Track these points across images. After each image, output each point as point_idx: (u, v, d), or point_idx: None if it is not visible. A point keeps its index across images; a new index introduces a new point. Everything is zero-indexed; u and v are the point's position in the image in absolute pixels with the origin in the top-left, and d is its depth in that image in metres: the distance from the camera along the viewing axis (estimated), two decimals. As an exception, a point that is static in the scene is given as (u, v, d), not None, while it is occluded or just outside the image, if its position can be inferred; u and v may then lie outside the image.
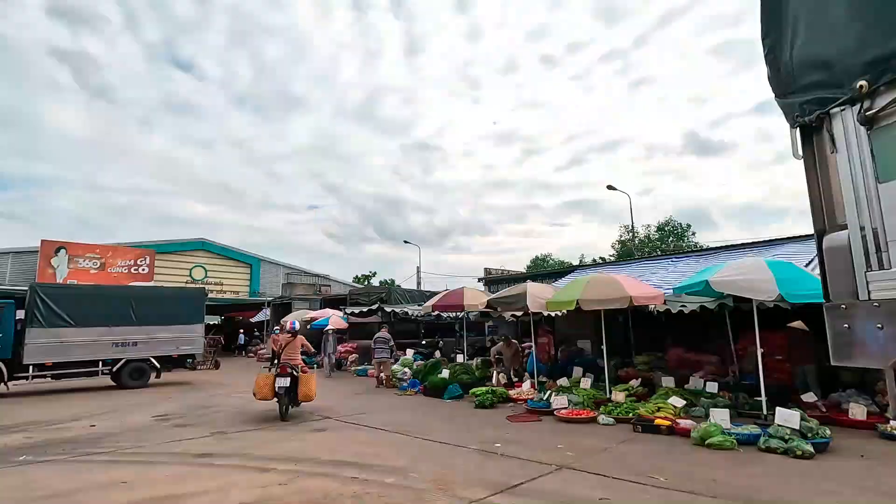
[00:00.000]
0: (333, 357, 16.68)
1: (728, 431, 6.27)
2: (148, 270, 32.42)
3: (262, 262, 38.52)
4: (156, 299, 13.86)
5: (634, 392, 10.10)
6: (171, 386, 13.55)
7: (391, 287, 19.66)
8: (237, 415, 8.92)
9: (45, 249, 28.93)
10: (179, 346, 14.04)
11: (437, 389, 11.07)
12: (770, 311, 9.97)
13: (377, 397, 11.13)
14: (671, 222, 52.08)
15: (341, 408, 9.61)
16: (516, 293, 10.34)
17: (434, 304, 12.68)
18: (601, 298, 8.51)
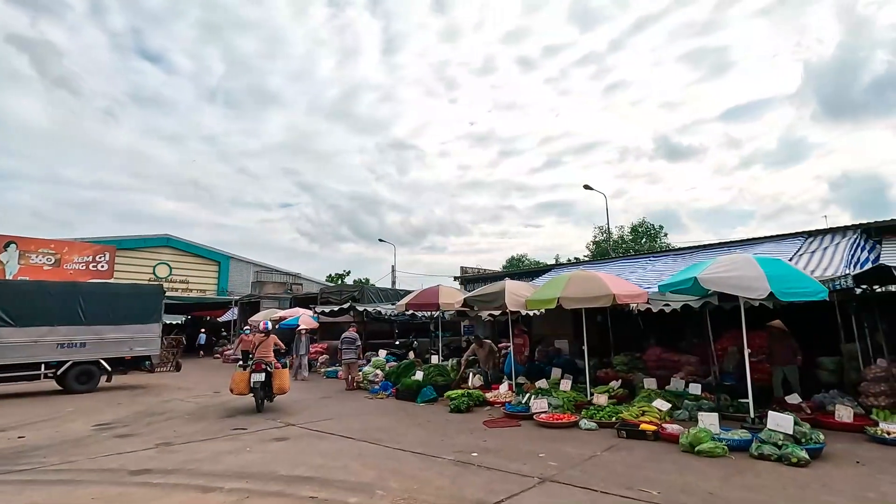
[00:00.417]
0: (306, 358, 15.85)
1: (718, 437, 5.91)
2: (108, 267, 30.73)
3: (231, 259, 37.09)
4: (107, 296, 12.83)
5: (615, 394, 9.75)
6: (124, 390, 12.57)
7: (364, 286, 18.95)
8: (190, 422, 8.15)
9: (-7, 244, 27.05)
10: (133, 347, 13.05)
11: (410, 392, 10.50)
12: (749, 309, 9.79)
13: (346, 401, 10.48)
14: (644, 223, 52.73)
15: (307, 413, 8.93)
16: (494, 291, 9.86)
17: (408, 302, 12.09)
18: (583, 296, 8.09)
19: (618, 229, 51.86)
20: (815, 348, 10.09)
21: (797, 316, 9.89)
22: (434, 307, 11.64)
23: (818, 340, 10.17)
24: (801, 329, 9.71)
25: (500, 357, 12.48)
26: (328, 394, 11.64)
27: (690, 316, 11.76)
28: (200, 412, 9.10)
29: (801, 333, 9.50)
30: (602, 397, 7.99)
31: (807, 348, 9.71)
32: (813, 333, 10.08)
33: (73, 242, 30.37)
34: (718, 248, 13.93)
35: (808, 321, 9.92)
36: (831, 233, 11.93)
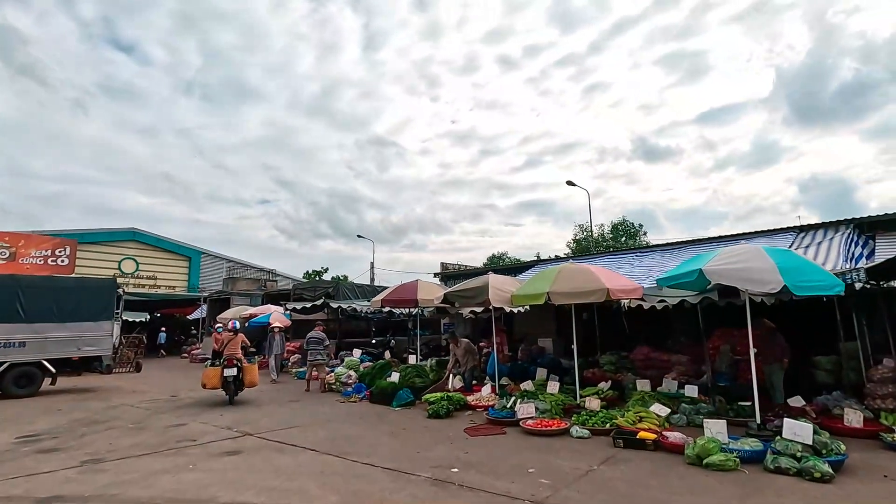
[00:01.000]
0: (280, 358, 14.80)
1: (728, 448, 5.27)
2: (68, 262, 28.92)
3: (203, 255, 35.57)
4: (51, 291, 11.63)
5: (605, 396, 9.12)
6: (71, 394, 11.42)
7: (339, 282, 18.02)
8: (132, 432, 7.18)
9: (-60, 236, 25.19)
10: (82, 346, 11.89)
11: (385, 395, 9.68)
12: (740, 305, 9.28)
13: (315, 405, 9.60)
14: (625, 222, 52.88)
15: (269, 419, 8.04)
16: (476, 286, 9.11)
17: (384, 298, 11.25)
18: (574, 291, 7.40)
19: (598, 228, 51.91)
20: (809, 347, 9.66)
21: (790, 313, 9.45)
22: (412, 303, 10.85)
23: (813, 338, 9.74)
24: (795, 327, 9.25)
25: (484, 356, 11.74)
26: (297, 397, 10.74)
27: (679, 313, 11.27)
28: (149, 419, 8.12)
29: (794, 331, 9.03)
30: (594, 402, 7.31)
31: (801, 347, 9.27)
32: (807, 331, 9.64)
33: (29, 235, 28.57)
34: (706, 243, 13.46)
35: (801, 318, 9.48)
36: (824, 227, 11.55)
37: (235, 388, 9.66)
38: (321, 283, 18.57)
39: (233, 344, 9.96)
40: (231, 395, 9.64)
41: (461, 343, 10.65)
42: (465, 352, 10.56)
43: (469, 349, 10.77)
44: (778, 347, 8.46)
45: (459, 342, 10.72)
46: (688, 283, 6.60)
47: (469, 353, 10.76)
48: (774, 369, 8.43)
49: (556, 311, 15.71)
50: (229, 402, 9.53)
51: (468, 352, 10.69)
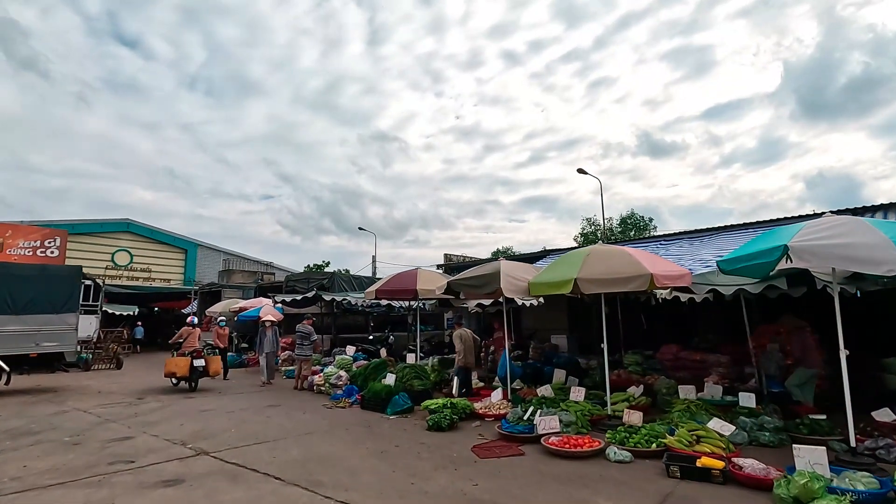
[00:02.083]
0: (274, 357, 12.59)
1: (836, 487, 3.85)
2: (58, 253, 27.73)
3: (199, 247, 34.38)
4: (4, 279, 10.27)
5: (636, 403, 7.73)
6: (26, 396, 10.12)
7: (334, 273, 16.66)
8: (61, 449, 5.83)
9: (-75, 226, 24.03)
10: (40, 342, 10.58)
11: (378, 400, 8.32)
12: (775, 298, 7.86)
13: (296, 411, 8.24)
14: (634, 216, 51.36)
15: (235, 430, 6.69)
16: (486, 273, 7.70)
17: (379, 288, 9.86)
18: (609, 277, 5.96)
19: (606, 221, 50.44)
20: (878, 347, 8.22)
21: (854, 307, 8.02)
22: (411, 294, 9.45)
23: (881, 337, 8.31)
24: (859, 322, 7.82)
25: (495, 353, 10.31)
26: (278, 400, 9.38)
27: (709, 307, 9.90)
28: (93, 430, 6.78)
29: (860, 327, 7.60)
30: (635, 415, 5.86)
31: (861, 348, 7.85)
32: (870, 328, 8.19)
33: (17, 225, 27.45)
34: (742, 229, 11.97)
35: (863, 314, 8.04)
36: (882, 210, 10.07)
37: (198, 377, 10.57)
38: (315, 275, 17.24)
39: (192, 338, 10.99)
40: (192, 384, 10.54)
41: (465, 336, 9.12)
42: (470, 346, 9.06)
43: (474, 343, 9.20)
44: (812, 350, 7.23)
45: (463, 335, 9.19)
46: (755, 266, 5.15)
47: (474, 347, 9.18)
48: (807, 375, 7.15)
49: (569, 305, 14.27)
50: (191, 390, 10.43)
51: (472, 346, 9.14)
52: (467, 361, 8.94)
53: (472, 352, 8.92)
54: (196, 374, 10.43)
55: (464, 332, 9.16)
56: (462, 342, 8.93)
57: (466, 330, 9.25)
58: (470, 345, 8.90)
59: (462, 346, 8.93)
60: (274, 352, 12.37)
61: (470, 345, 8.90)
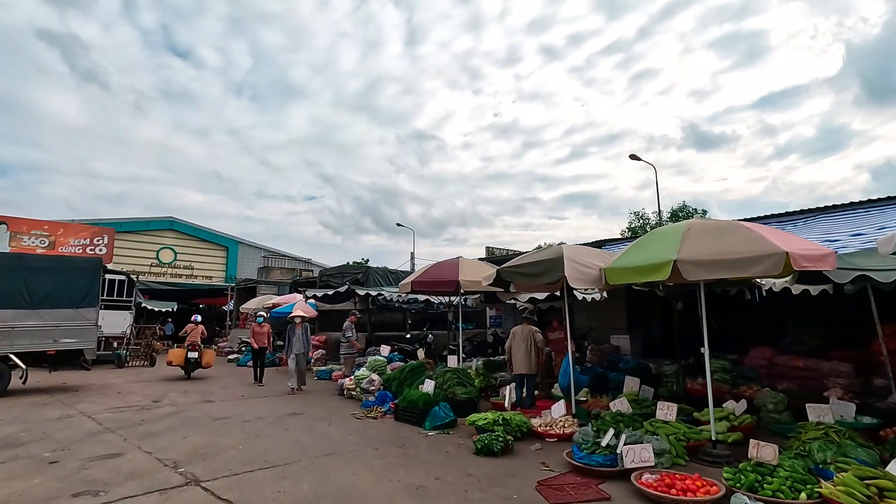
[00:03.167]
0: (305, 359, 10.79)
1: None
2: (106, 251, 28.18)
3: (240, 244, 34.46)
4: (20, 271, 9.67)
5: (739, 423, 6.10)
6: (38, 396, 9.46)
7: (369, 267, 15.58)
8: (35, 467, 4.82)
9: (-19, 225, 24.77)
10: (59, 338, 9.93)
11: (414, 411, 7.01)
12: None
13: (320, 423, 7.04)
14: (685, 208, 48.18)
15: (243, 447, 5.54)
16: (546, 259, 6.23)
17: (415, 279, 8.55)
18: (724, 258, 4.36)
19: (655, 215, 47.54)
20: None
21: None
22: (451, 286, 8.09)
23: None
24: None
25: (557, 358, 8.78)
26: (303, 406, 8.25)
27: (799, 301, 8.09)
28: (83, 442, 5.80)
29: None
30: (767, 448, 4.17)
31: None
32: None
33: (68, 224, 28.05)
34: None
35: None
36: None
37: (194, 367, 11.99)
38: (349, 269, 16.21)
39: (194, 333, 12.49)
40: (189, 372, 11.95)
41: (528, 334, 7.57)
42: (532, 347, 7.53)
43: (529, 338, 7.63)
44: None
45: (527, 336, 7.61)
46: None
47: (536, 350, 7.61)
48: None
49: (628, 298, 12.46)
50: (186, 377, 11.87)
51: (536, 349, 7.57)
52: (525, 367, 7.48)
53: (525, 354, 7.43)
54: (190, 364, 11.84)
55: (522, 330, 7.70)
56: (516, 341, 7.50)
57: (528, 327, 7.75)
58: (525, 345, 7.42)
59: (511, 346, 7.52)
60: (304, 353, 10.61)
61: (525, 345, 7.42)
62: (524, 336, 7.51)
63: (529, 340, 7.48)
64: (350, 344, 11.26)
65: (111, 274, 16.83)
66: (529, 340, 7.48)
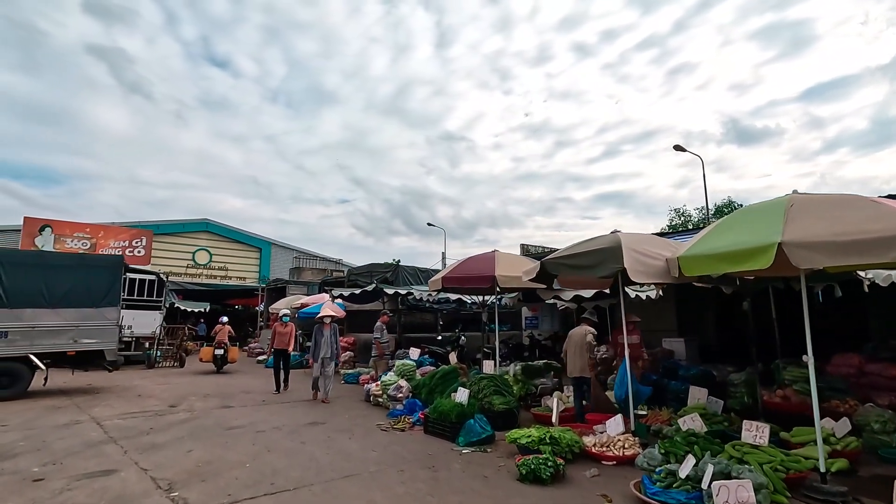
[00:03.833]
0: (333, 363, 9.27)
1: None
2: (144, 253, 28.76)
3: (273, 245, 34.65)
4: (39, 269, 9.37)
5: (843, 448, 4.98)
6: (58, 397, 9.14)
7: (398, 265, 14.89)
8: (10, 489, 4.24)
9: (28, 227, 25.55)
10: (79, 338, 9.59)
11: (446, 424, 6.17)
12: None
13: (339, 435, 6.29)
14: (731, 204, 45.59)
15: (250, 465, 4.82)
16: (600, 248, 5.28)
17: (447, 275, 7.71)
18: (851, 239, 3.32)
19: (697, 211, 45.15)
20: None
21: None
22: (487, 282, 7.20)
23: None
24: None
25: (615, 364, 7.78)
26: (324, 415, 7.54)
27: None
28: (77, 456, 5.23)
29: None
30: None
31: None
32: None
33: (109, 226, 28.70)
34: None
35: None
36: None
37: (221, 363, 13.68)
38: (377, 268, 15.55)
39: (221, 333, 14.07)
40: (219, 366, 13.68)
41: (586, 338, 6.65)
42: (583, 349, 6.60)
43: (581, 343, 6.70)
44: None
45: (586, 341, 6.65)
46: None
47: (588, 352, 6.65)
48: None
49: (678, 297, 11.22)
50: (217, 371, 13.61)
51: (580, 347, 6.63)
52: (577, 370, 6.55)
53: (579, 356, 6.49)
54: (218, 360, 13.59)
55: (579, 331, 6.79)
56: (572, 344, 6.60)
57: (585, 328, 6.82)
58: (577, 348, 6.49)
59: (566, 350, 6.61)
60: (332, 357, 9.23)
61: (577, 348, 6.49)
62: (581, 338, 6.58)
63: (584, 344, 6.54)
64: (376, 346, 10.55)
65: (141, 274, 16.74)
66: (584, 344, 6.54)
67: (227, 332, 14.29)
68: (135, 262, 26.42)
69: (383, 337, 10.79)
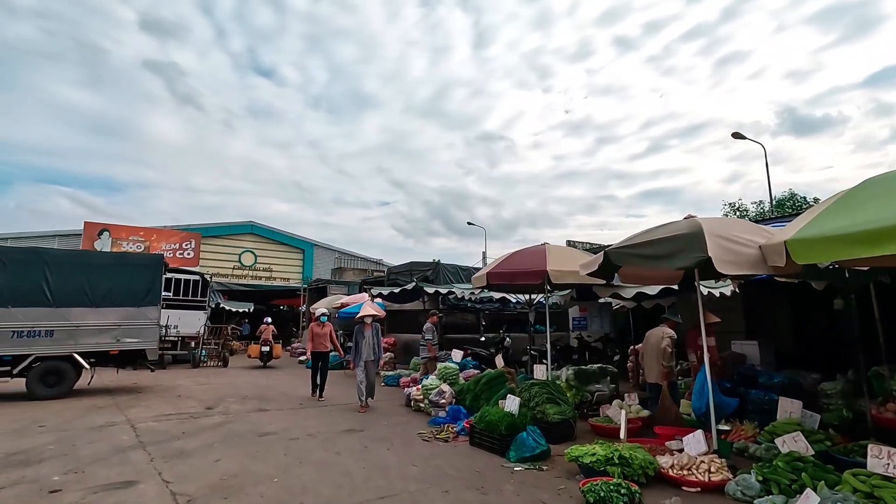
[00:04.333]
0: (375, 367, 8.58)
1: None
2: (193, 255, 29.67)
3: (316, 247, 35.07)
4: (82, 269, 9.39)
5: None
6: (102, 396, 9.11)
7: (438, 263, 14.32)
8: (29, 499, 3.92)
9: (88, 231, 26.84)
10: (122, 337, 9.56)
11: (495, 436, 5.51)
12: None
13: (376, 445, 5.75)
14: (793, 197, 42.38)
15: (277, 481, 4.34)
16: (678, 234, 4.46)
17: (492, 271, 7.03)
18: None
19: (755, 205, 42.25)
20: None
21: None
22: (537, 278, 6.48)
23: None
24: None
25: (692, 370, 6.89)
26: (362, 422, 7.03)
27: None
28: (101, 464, 4.93)
29: None
30: None
31: None
32: None
33: (161, 230, 29.75)
34: None
35: None
36: None
37: (267, 359, 15.16)
38: (418, 265, 15.05)
39: (266, 332, 15.42)
40: (265, 361, 15.17)
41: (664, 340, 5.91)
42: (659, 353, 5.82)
43: (656, 347, 5.93)
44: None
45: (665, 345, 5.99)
46: None
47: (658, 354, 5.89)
48: None
49: (745, 293, 10.00)
50: (263, 366, 15.08)
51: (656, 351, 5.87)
52: (652, 376, 5.76)
53: (655, 360, 5.69)
54: (264, 356, 15.08)
55: (656, 333, 6.02)
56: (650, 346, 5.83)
57: (663, 328, 6.04)
58: (653, 351, 5.71)
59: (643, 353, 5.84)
60: (375, 360, 8.42)
61: (653, 351, 5.71)
62: (658, 341, 5.79)
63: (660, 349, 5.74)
64: (428, 348, 10.01)
65: (186, 274, 17.00)
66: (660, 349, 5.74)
67: (272, 332, 15.65)
68: (184, 263, 27.26)
69: (434, 338, 10.26)
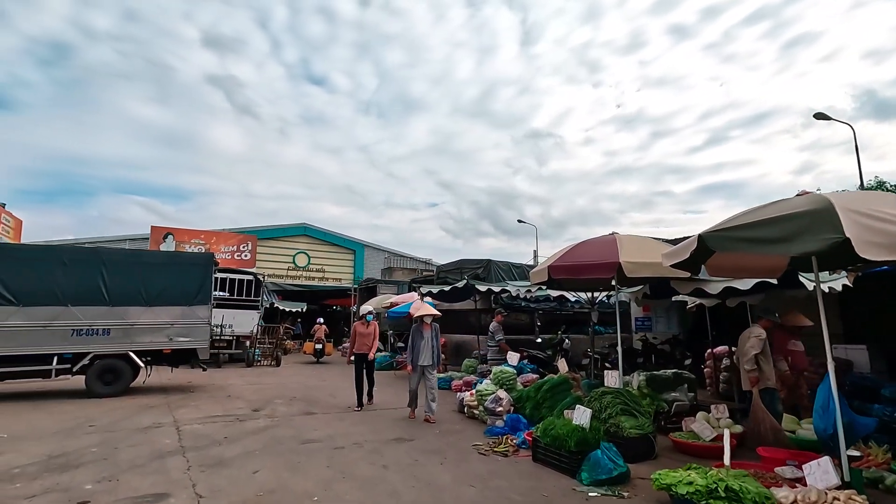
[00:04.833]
0: (434, 371, 7.43)
1: None
2: (250, 256, 30.64)
3: (367, 247, 35.42)
4: (136, 268, 9.44)
5: None
6: (154, 395, 9.12)
7: (490, 260, 13.62)
8: None
9: (154, 235, 28.34)
10: (174, 336, 9.56)
11: (563, 452, 4.76)
12: None
13: (427, 458, 5.15)
14: (883, 185, 38.27)
15: (318, 498, 3.83)
16: (799, 211, 3.54)
17: (554, 264, 6.26)
18: None
19: (838, 195, 38.44)
20: None
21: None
22: (608, 271, 5.65)
23: None
24: None
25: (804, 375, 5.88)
26: (410, 431, 6.47)
27: None
28: (137, 470, 4.63)
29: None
30: None
31: None
32: None
33: (220, 232, 30.89)
34: None
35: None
36: None
37: (320, 356, 17.06)
38: (468, 264, 14.43)
39: (319, 331, 17.66)
40: (317, 358, 17.08)
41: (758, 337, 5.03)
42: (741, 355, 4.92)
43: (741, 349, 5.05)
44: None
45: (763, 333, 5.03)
46: None
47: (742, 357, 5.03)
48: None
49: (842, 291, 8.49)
50: (317, 361, 16.89)
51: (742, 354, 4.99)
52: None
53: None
54: (318, 352, 17.07)
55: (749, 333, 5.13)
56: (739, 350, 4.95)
57: (756, 328, 5.14)
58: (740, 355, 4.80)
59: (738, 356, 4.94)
60: (434, 364, 7.39)
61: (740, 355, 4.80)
62: (744, 342, 4.89)
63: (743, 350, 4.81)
64: (499, 348, 9.35)
65: (240, 274, 17.26)
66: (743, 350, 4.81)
67: (324, 331, 17.71)
68: (241, 265, 28.07)
69: (503, 338, 9.61)
